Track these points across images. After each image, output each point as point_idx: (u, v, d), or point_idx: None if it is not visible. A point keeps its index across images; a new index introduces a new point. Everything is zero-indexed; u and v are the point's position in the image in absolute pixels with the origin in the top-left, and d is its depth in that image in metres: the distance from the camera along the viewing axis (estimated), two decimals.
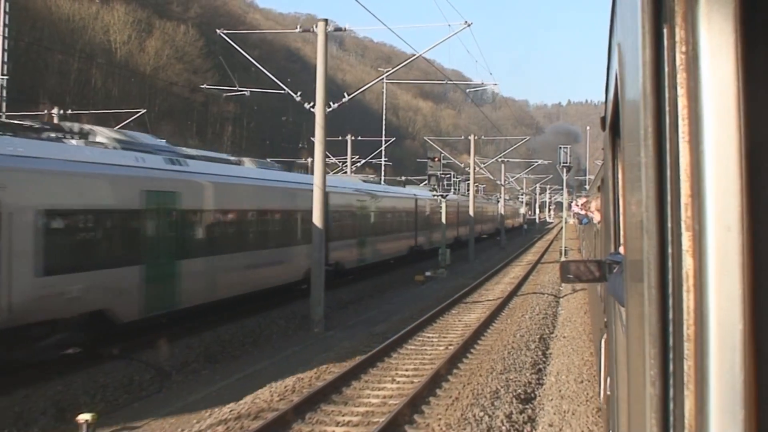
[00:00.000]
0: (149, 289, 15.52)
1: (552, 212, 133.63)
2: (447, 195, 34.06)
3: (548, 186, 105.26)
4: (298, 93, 20.16)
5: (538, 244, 58.10)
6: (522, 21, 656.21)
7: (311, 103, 19.43)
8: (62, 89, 68.97)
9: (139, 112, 33.97)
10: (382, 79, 23.35)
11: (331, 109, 19.37)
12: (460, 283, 28.92)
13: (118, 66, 72.44)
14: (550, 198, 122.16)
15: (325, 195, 19.22)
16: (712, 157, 0.95)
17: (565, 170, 35.83)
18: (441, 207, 34.38)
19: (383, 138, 51.68)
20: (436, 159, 32.96)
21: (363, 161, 46.39)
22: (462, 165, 47.33)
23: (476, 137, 42.80)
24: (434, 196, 33.88)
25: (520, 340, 16.64)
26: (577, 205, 20.74)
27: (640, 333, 1.20)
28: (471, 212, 43.08)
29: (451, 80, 38.26)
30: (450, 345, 16.12)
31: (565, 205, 41.21)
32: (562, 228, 50.80)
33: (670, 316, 0.99)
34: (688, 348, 0.95)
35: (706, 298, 0.94)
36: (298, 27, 20.86)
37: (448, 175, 34.24)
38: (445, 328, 18.49)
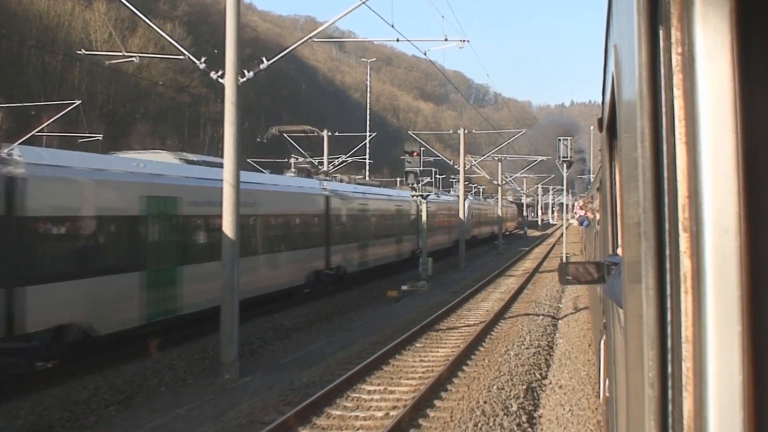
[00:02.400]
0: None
1: (555, 214, 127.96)
2: (428, 195, 28.85)
3: (551, 186, 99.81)
4: (202, 59, 15.07)
5: (537, 249, 52.72)
6: (523, 21, 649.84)
7: (219, 72, 14.32)
8: (41, 88, 64.27)
9: (74, 103, 28.85)
10: (308, 39, 18.07)
11: (245, 78, 14.25)
12: (440, 300, 23.72)
13: (96, 63, 67.37)
14: (553, 199, 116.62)
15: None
16: (709, 158, 0.94)
17: (565, 165, 30.57)
18: (421, 209, 29.11)
19: (367, 133, 46.51)
20: (415, 153, 27.77)
21: (342, 159, 41.13)
22: (451, 163, 42.05)
23: (466, 131, 37.62)
24: (413, 196, 28.68)
25: (497, 396, 11.43)
26: (580, 207, 19.01)
27: (639, 334, 1.16)
28: (461, 214, 37.89)
29: (409, 42, 32.87)
30: (394, 408, 10.93)
31: (565, 205, 35.96)
32: (567, 231, 45.53)
33: (669, 317, 0.98)
34: (687, 349, 0.94)
35: (704, 299, 0.93)
36: None
37: (429, 172, 28.84)
38: (397, 375, 13.29)
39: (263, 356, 15.84)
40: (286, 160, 52.57)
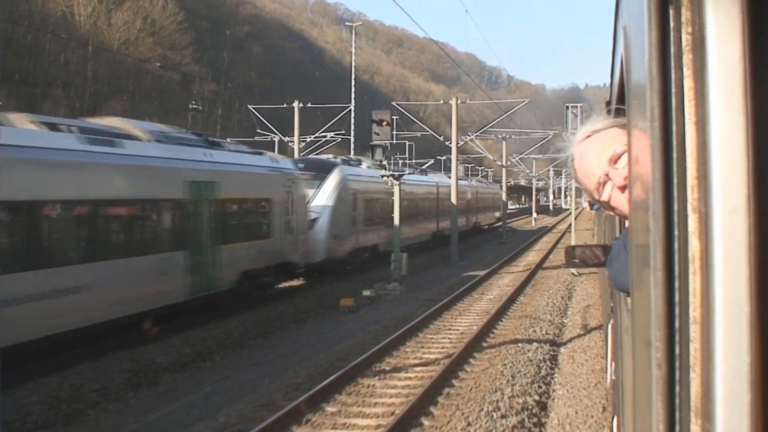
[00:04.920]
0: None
1: (569, 198, 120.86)
2: (402, 174, 22.47)
3: (564, 169, 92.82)
4: None
5: (545, 238, 46.08)
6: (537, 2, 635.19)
7: None
8: (16, 64, 58.61)
9: None
10: None
11: None
12: (406, 312, 17.55)
13: (77, 40, 61.32)
14: (566, 182, 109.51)
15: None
16: (719, 138, 0.93)
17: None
18: (394, 192, 22.73)
19: (352, 104, 40.11)
20: (385, 123, 21.49)
21: (313, 137, 34.83)
22: (441, 138, 35.42)
23: (460, 102, 31.30)
24: (382, 176, 22.38)
25: None
26: None
27: (647, 316, 1.14)
28: (453, 199, 31.54)
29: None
30: None
31: (574, 187, 29.49)
32: (577, 217, 39.04)
33: (677, 298, 0.96)
34: (695, 330, 0.92)
35: (713, 280, 0.91)
36: None
37: (403, 147, 22.32)
38: None
39: (85, 426, 9.75)
40: (270, 139, 46.65)
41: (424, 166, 56.28)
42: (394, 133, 22.35)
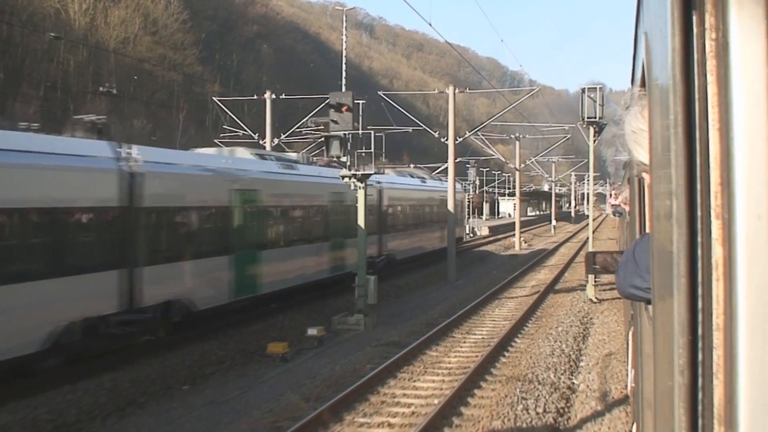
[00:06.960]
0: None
1: (591, 204, 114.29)
2: (370, 175, 17.14)
3: (586, 174, 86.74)
4: None
5: (562, 249, 40.30)
6: (561, 8, 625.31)
7: None
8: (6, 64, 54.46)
9: None
10: None
11: None
12: (352, 366, 12.28)
13: (71, 39, 56.87)
14: (586, 189, 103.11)
15: None
16: (743, 144, 0.91)
17: (591, 130, 18.62)
18: (357, 197, 17.36)
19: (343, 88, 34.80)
20: (345, 108, 16.30)
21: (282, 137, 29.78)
22: (437, 134, 29.75)
23: (458, 90, 25.98)
24: (342, 177, 17.02)
25: None
26: (615, 196, 14.52)
27: (669, 322, 1.12)
28: (450, 206, 26.15)
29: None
30: None
31: (590, 190, 23.99)
32: (599, 226, 33.39)
33: (700, 305, 0.95)
34: (718, 337, 0.91)
35: (736, 287, 0.90)
36: None
37: (368, 140, 17.00)
38: None
39: None
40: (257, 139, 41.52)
41: (436, 171, 51.16)
42: (360, 125, 17.13)
